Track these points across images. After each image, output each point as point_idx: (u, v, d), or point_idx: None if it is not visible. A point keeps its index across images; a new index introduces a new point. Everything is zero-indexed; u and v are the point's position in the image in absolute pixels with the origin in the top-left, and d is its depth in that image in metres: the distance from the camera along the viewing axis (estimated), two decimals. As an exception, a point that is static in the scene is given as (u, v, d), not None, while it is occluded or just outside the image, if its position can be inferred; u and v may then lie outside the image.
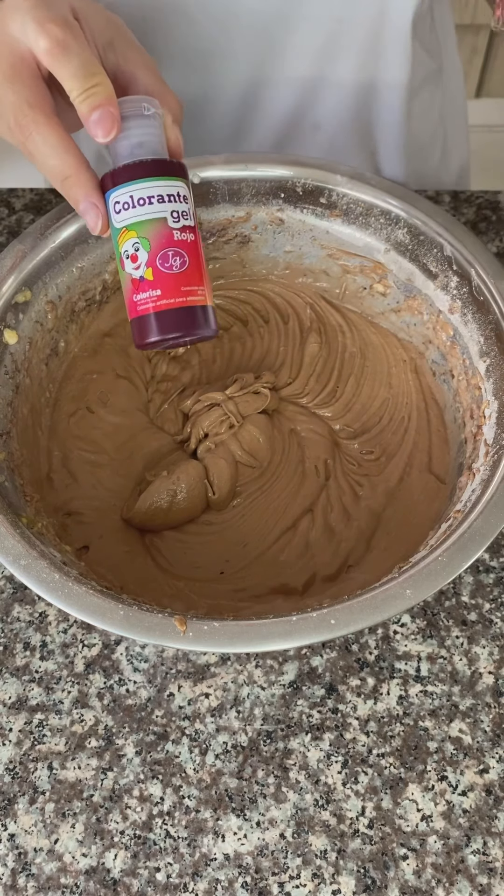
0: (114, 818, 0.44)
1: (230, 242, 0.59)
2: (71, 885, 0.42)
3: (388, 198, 0.54)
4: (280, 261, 0.60)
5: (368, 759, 0.45)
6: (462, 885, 0.42)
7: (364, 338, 0.60)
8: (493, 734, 0.46)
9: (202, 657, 0.49)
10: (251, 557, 0.50)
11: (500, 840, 0.43)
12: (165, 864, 0.42)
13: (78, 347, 0.56)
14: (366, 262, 0.57)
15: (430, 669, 0.48)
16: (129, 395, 0.56)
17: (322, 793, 0.45)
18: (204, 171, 0.55)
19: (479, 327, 0.51)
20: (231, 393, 0.54)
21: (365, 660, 0.49)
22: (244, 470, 0.53)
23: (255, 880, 0.42)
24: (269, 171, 0.56)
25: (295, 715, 0.47)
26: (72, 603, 0.39)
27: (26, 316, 0.51)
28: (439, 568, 0.40)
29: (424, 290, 0.54)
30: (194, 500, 0.51)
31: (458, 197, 0.71)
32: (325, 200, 0.56)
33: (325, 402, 0.57)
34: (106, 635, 0.50)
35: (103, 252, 0.55)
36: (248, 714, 0.47)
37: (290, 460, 0.54)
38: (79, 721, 0.47)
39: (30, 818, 0.44)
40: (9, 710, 0.47)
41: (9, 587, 0.51)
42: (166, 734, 0.46)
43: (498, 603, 0.51)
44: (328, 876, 0.42)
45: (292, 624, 0.38)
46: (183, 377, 0.59)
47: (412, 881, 0.42)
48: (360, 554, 0.50)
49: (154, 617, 0.39)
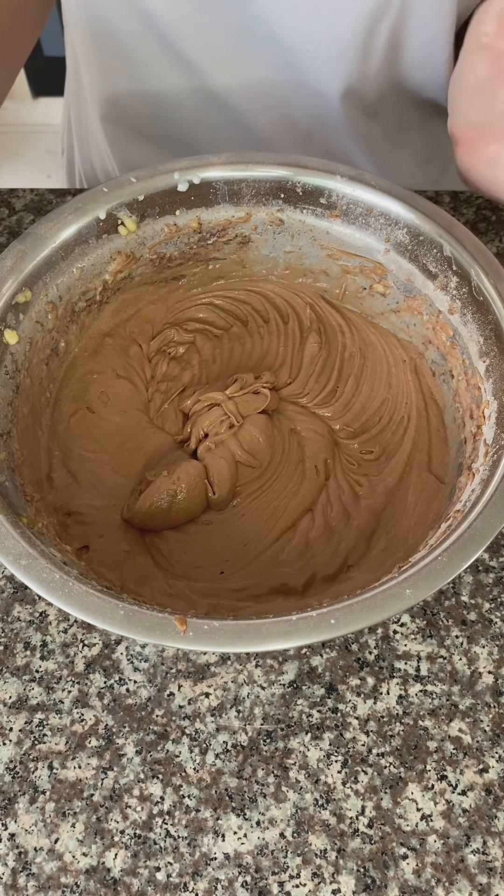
0: (114, 818, 0.44)
1: (230, 243, 0.59)
2: (71, 885, 0.42)
3: (388, 198, 0.54)
4: (280, 261, 0.61)
5: (368, 758, 0.46)
6: (462, 884, 0.42)
7: (364, 338, 0.60)
8: (493, 734, 0.46)
9: (202, 657, 0.49)
10: (251, 557, 0.50)
11: (499, 839, 0.43)
12: (165, 864, 0.43)
13: (78, 347, 0.56)
14: (366, 263, 0.57)
15: (430, 669, 0.48)
16: (129, 395, 0.56)
17: (322, 792, 0.45)
18: (204, 171, 0.55)
19: (479, 327, 0.51)
20: (231, 393, 0.54)
21: (365, 659, 0.49)
22: (244, 470, 0.53)
23: (255, 880, 0.42)
24: (269, 171, 0.56)
25: (295, 714, 0.47)
26: (72, 602, 0.39)
27: (26, 316, 0.51)
28: (439, 568, 0.40)
29: (424, 290, 0.55)
30: (194, 500, 0.51)
31: (458, 197, 0.71)
32: (324, 201, 0.56)
33: (325, 401, 0.57)
34: (106, 635, 0.50)
35: (103, 252, 0.55)
36: (248, 713, 0.47)
37: (290, 460, 0.54)
38: (79, 720, 0.47)
39: (30, 818, 0.44)
40: (9, 710, 0.47)
41: (9, 587, 0.51)
42: (166, 734, 0.46)
43: (498, 603, 0.51)
44: (328, 875, 0.42)
45: (292, 624, 0.38)
46: (183, 377, 0.59)
47: (412, 880, 0.42)
48: (360, 554, 0.50)
49: (154, 616, 0.39)
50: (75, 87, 0.80)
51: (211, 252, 0.59)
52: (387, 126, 0.71)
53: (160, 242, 0.57)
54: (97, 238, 0.54)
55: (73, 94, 0.81)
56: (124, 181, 0.54)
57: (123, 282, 0.57)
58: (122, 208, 0.54)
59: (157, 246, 0.57)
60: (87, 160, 0.84)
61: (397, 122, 0.71)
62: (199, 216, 0.57)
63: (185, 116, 0.70)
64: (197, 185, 0.55)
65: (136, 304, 0.59)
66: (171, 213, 0.56)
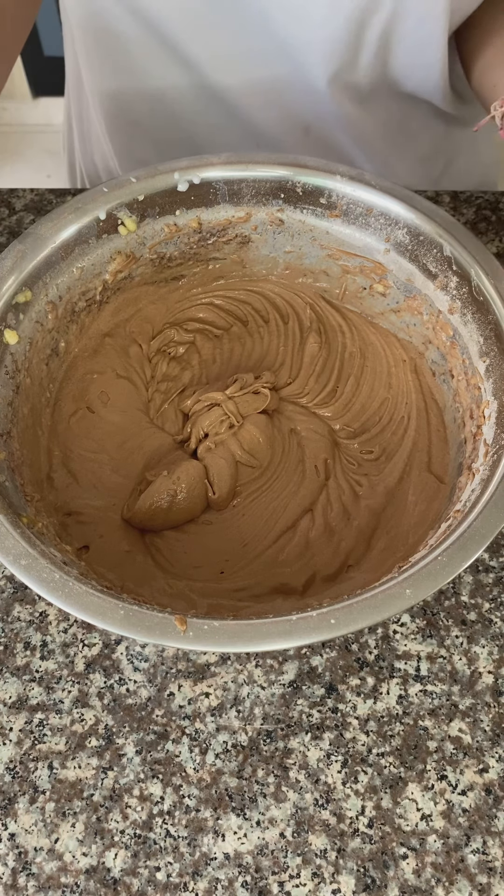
0: (114, 817, 0.44)
1: (230, 243, 0.59)
2: (71, 885, 0.42)
3: (388, 198, 0.54)
4: (280, 261, 0.61)
5: (368, 758, 0.46)
6: (462, 884, 0.42)
7: (364, 338, 0.60)
8: (493, 734, 0.46)
9: (202, 656, 0.49)
10: (251, 557, 0.50)
11: (499, 839, 0.43)
12: (165, 864, 0.43)
13: (78, 347, 0.56)
14: (366, 263, 0.57)
15: (430, 669, 0.48)
16: (129, 395, 0.56)
17: (322, 792, 0.45)
18: (204, 171, 0.55)
19: (479, 327, 0.51)
20: (231, 393, 0.54)
21: (365, 659, 0.49)
22: (244, 470, 0.53)
23: (255, 879, 0.42)
24: (269, 171, 0.56)
25: (295, 714, 0.47)
26: (72, 602, 0.39)
27: (27, 316, 0.51)
28: (439, 568, 0.40)
29: (424, 290, 0.55)
30: (194, 500, 0.51)
31: (458, 197, 0.71)
32: (324, 201, 0.56)
33: (325, 401, 0.57)
34: (106, 635, 0.50)
35: (103, 252, 0.55)
36: (248, 713, 0.47)
37: (290, 460, 0.54)
38: (79, 720, 0.47)
39: (30, 817, 0.44)
40: (9, 710, 0.47)
41: (9, 587, 0.51)
42: (166, 733, 0.46)
43: (497, 602, 0.51)
44: (328, 875, 0.42)
45: (292, 623, 0.38)
46: (183, 377, 0.59)
47: (412, 880, 0.42)
48: (360, 553, 0.50)
49: (154, 616, 0.39)
50: (75, 85, 0.80)
51: (211, 252, 0.59)
52: (384, 123, 0.71)
53: (160, 242, 0.57)
54: (97, 238, 0.54)
55: (74, 93, 0.82)
56: (124, 181, 0.54)
57: (123, 282, 0.57)
58: (122, 208, 0.54)
59: (157, 246, 0.57)
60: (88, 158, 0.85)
61: (395, 121, 0.71)
62: (199, 216, 0.57)
63: (184, 112, 0.70)
64: (197, 185, 0.55)
65: (136, 304, 0.59)
66: (171, 213, 0.56)
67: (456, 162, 0.79)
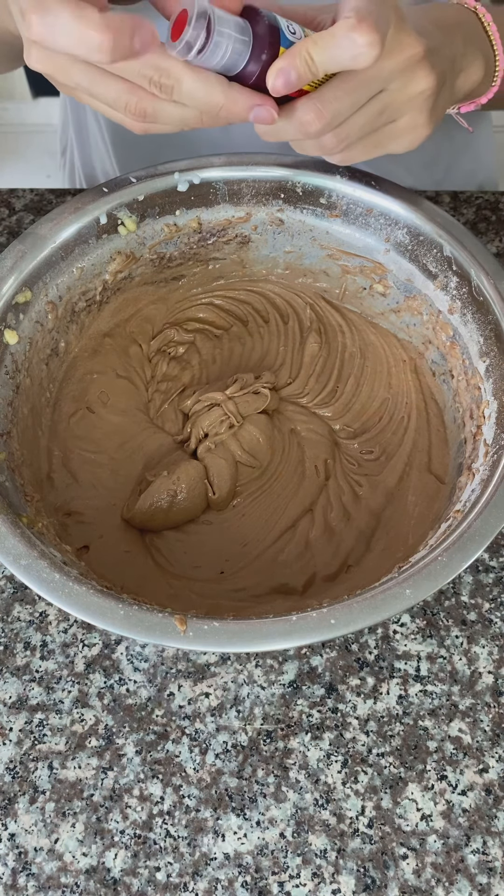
0: (114, 818, 0.44)
1: (230, 243, 0.59)
2: (71, 885, 0.42)
3: (388, 198, 0.54)
4: (280, 261, 0.61)
5: (368, 758, 0.46)
6: (462, 884, 0.42)
7: (364, 338, 0.60)
8: (493, 734, 0.46)
9: (202, 657, 0.49)
10: (251, 557, 0.50)
11: (499, 839, 0.43)
12: (165, 864, 0.43)
13: (78, 347, 0.56)
14: (366, 263, 0.57)
15: (430, 669, 0.48)
16: (129, 395, 0.56)
17: (322, 792, 0.45)
18: (204, 171, 0.55)
19: (479, 327, 0.51)
20: (231, 393, 0.54)
21: (365, 659, 0.49)
22: (244, 470, 0.53)
23: (255, 879, 0.42)
24: (269, 171, 0.56)
25: (295, 714, 0.47)
26: (72, 603, 0.39)
27: (26, 316, 0.51)
28: (439, 568, 0.40)
29: (424, 290, 0.55)
30: (194, 500, 0.51)
31: (458, 197, 0.71)
32: (324, 201, 0.56)
33: (325, 402, 0.57)
34: (106, 635, 0.50)
35: (103, 252, 0.55)
36: (248, 713, 0.47)
37: (290, 460, 0.54)
38: (79, 721, 0.47)
39: (30, 818, 0.44)
40: (9, 710, 0.47)
41: (9, 587, 0.51)
42: (166, 734, 0.46)
43: (497, 603, 0.51)
44: (328, 875, 0.42)
45: (292, 624, 0.38)
46: (183, 377, 0.59)
47: (412, 880, 0.42)
48: (360, 554, 0.50)
49: (154, 616, 0.39)
50: None
51: (211, 252, 0.59)
52: None
53: (160, 242, 0.57)
54: (97, 238, 0.54)
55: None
56: (124, 181, 0.54)
57: (123, 282, 0.57)
58: (122, 208, 0.54)
59: (157, 246, 0.57)
60: (86, 160, 0.84)
61: None
62: (199, 216, 0.57)
63: None
64: (197, 185, 0.55)
65: (136, 304, 0.59)
66: (171, 213, 0.56)
67: (457, 165, 0.79)
